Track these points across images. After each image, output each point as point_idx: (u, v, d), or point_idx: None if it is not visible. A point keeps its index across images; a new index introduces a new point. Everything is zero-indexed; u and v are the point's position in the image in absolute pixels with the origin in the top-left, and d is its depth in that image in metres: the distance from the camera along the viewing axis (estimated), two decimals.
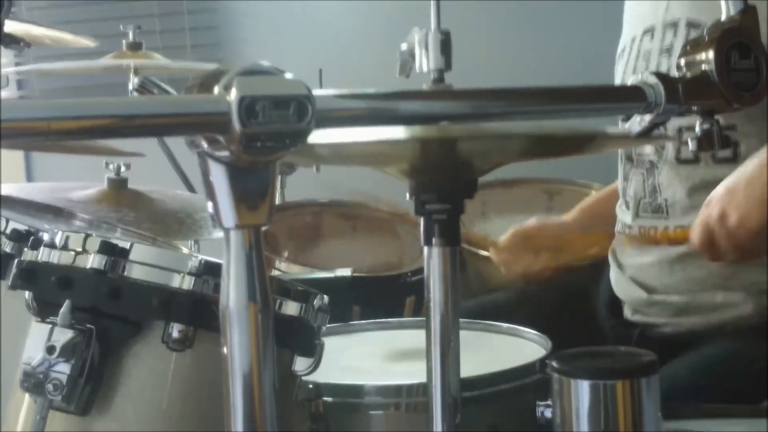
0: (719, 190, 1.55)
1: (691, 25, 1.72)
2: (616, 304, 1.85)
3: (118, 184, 2.20)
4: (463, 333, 1.13)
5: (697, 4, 1.72)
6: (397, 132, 1.04)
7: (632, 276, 1.80)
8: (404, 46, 1.05)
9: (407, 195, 1.12)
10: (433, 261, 1.11)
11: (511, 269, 2.02)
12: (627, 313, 1.81)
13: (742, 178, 1.54)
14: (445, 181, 1.10)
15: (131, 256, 1.17)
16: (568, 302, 1.93)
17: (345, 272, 2.09)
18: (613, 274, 1.86)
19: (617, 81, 1.88)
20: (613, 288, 1.85)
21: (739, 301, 1.68)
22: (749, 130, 1.62)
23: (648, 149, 1.77)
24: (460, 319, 1.14)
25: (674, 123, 1.56)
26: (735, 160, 1.62)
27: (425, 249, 1.11)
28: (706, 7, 1.68)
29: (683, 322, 1.72)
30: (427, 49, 1.02)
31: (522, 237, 2.00)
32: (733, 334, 1.67)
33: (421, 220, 1.11)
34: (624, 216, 1.84)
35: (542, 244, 1.99)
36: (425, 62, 1.03)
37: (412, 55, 1.04)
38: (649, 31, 1.80)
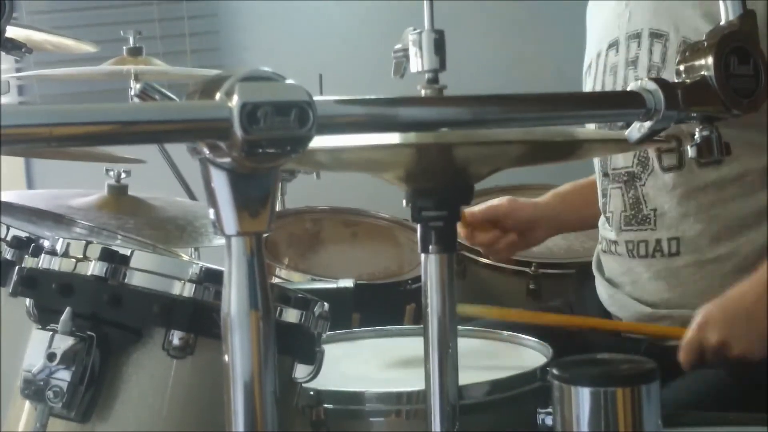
0: (715, 313, 1.55)
1: (654, 35, 1.70)
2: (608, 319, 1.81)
3: (119, 190, 2.21)
4: (463, 340, 1.13)
5: (658, 13, 1.70)
6: (393, 138, 1.04)
7: (630, 293, 1.77)
8: (398, 47, 1.04)
9: (404, 202, 1.12)
10: (430, 268, 1.11)
11: (475, 241, 1.98)
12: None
13: (742, 307, 1.56)
14: (442, 187, 1.10)
15: (132, 264, 1.17)
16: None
17: (347, 283, 2.09)
18: (606, 291, 1.82)
19: None
20: (605, 306, 1.82)
21: None
22: (733, 134, 1.60)
23: (623, 162, 1.75)
24: (460, 327, 1.14)
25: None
26: (720, 161, 1.61)
27: (422, 256, 1.11)
28: (668, 15, 1.67)
29: None
30: (421, 49, 1.02)
31: (493, 214, 1.96)
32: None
33: (419, 227, 1.11)
34: (607, 233, 1.81)
35: (511, 224, 1.97)
36: (419, 62, 1.03)
37: (407, 56, 1.04)
38: (614, 45, 1.78)
